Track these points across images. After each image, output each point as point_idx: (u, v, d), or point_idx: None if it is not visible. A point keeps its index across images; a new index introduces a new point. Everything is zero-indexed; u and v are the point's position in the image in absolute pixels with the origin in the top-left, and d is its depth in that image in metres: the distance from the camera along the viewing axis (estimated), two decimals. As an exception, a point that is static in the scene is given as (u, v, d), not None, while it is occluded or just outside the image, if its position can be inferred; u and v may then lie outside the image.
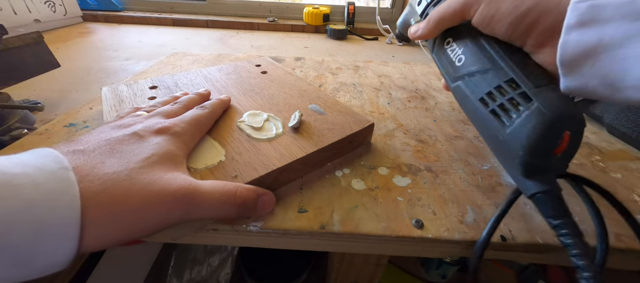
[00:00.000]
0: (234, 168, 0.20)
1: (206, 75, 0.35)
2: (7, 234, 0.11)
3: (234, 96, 0.30)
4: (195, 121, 0.22)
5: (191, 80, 0.34)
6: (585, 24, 0.14)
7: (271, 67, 0.38)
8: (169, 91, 0.31)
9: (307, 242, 0.21)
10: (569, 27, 0.15)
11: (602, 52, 0.14)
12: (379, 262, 0.33)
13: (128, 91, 0.30)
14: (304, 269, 0.54)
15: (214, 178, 0.19)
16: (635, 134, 0.31)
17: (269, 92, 0.31)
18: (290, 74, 0.36)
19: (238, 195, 0.18)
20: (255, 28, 0.85)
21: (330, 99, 0.30)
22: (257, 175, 0.20)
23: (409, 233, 0.19)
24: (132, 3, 0.89)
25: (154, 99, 0.29)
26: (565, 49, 0.15)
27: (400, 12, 0.89)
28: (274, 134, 0.24)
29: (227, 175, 0.20)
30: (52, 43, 0.57)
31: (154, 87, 0.32)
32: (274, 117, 0.26)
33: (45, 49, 0.43)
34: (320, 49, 0.70)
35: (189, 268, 0.56)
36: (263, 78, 0.35)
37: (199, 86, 0.32)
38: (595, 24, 0.14)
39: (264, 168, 0.20)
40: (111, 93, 0.30)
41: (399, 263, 0.64)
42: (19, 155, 0.14)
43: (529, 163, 0.17)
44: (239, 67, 0.38)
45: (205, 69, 0.37)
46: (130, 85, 0.32)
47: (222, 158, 0.21)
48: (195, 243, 0.32)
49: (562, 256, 0.20)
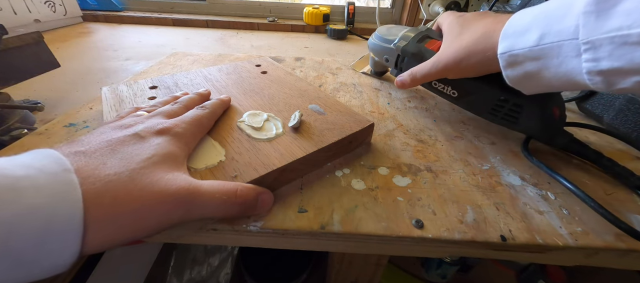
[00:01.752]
0: (234, 169, 0.20)
1: (206, 75, 0.35)
2: (11, 238, 0.12)
3: (234, 96, 0.30)
4: (196, 121, 0.22)
5: (191, 80, 0.34)
6: (511, 66, 0.22)
7: (271, 67, 0.38)
8: (169, 91, 0.31)
9: (307, 242, 0.21)
10: (503, 68, 0.23)
11: (530, 77, 0.22)
12: (379, 262, 0.33)
13: (128, 91, 0.30)
14: (304, 269, 0.54)
15: (214, 179, 0.19)
16: (635, 134, 0.31)
17: (269, 92, 0.31)
18: (290, 74, 0.36)
19: (239, 193, 0.18)
20: (255, 28, 0.85)
21: (331, 99, 0.30)
22: (257, 175, 0.20)
23: (409, 233, 0.19)
24: (132, 3, 0.89)
25: (154, 98, 0.29)
26: (508, 79, 0.24)
27: (400, 12, 0.89)
28: (274, 134, 0.24)
29: (227, 175, 0.20)
30: (52, 43, 0.57)
31: (154, 87, 0.32)
32: (274, 117, 0.26)
33: (45, 49, 0.43)
34: (320, 49, 0.70)
35: (189, 268, 0.56)
36: (263, 78, 0.35)
37: (199, 86, 0.32)
38: (517, 65, 0.22)
39: (264, 168, 0.20)
40: (111, 93, 0.30)
41: (399, 263, 0.64)
42: (21, 157, 0.14)
43: (547, 135, 0.27)
44: (239, 67, 0.38)
45: (205, 69, 0.37)
46: (130, 85, 0.32)
47: (222, 159, 0.21)
48: (195, 243, 0.32)
49: (563, 256, 0.20)
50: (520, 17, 0.22)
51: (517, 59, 0.22)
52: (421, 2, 0.76)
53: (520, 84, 0.23)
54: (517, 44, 0.21)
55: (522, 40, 0.21)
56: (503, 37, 0.22)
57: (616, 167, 0.25)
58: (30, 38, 0.41)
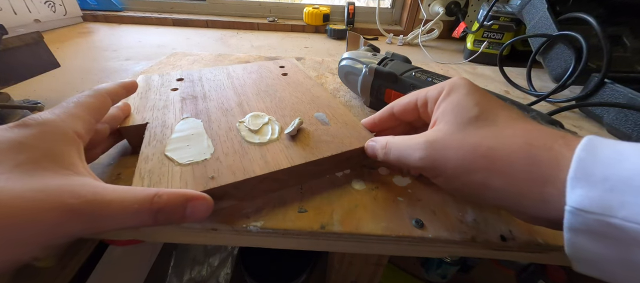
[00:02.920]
0: (214, 169, 0.20)
1: (230, 72, 0.36)
2: None
3: (246, 96, 0.30)
4: (79, 104, 0.19)
5: (215, 76, 0.35)
6: (593, 236, 0.12)
7: (293, 70, 0.37)
8: (193, 84, 0.32)
9: (307, 242, 0.21)
10: (571, 230, 0.13)
11: (625, 264, 0.12)
12: (379, 262, 0.33)
13: (159, 81, 0.33)
14: (304, 269, 0.54)
15: (193, 176, 0.19)
16: (635, 134, 0.31)
17: (281, 94, 0.31)
18: (309, 78, 0.35)
19: (155, 201, 0.15)
20: (255, 28, 0.85)
21: (341, 109, 0.28)
22: (233, 180, 0.19)
23: (409, 233, 0.19)
24: (132, 3, 0.89)
25: (176, 90, 0.31)
26: (571, 247, 0.13)
27: (401, 12, 0.89)
28: (267, 139, 0.23)
29: (205, 174, 0.19)
30: (52, 43, 0.57)
31: (180, 79, 0.33)
32: (274, 121, 0.26)
33: (45, 49, 0.43)
34: (320, 49, 0.70)
35: (189, 268, 0.56)
36: (281, 80, 0.34)
37: (221, 82, 0.33)
38: (610, 242, 0.12)
39: (242, 174, 0.19)
40: (144, 81, 0.32)
41: (399, 263, 0.64)
42: None
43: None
44: (262, 67, 0.38)
45: (230, 66, 0.38)
46: (162, 76, 0.34)
47: (208, 157, 0.21)
48: (195, 243, 0.32)
49: (563, 256, 0.20)
50: (631, 153, 0.12)
51: (614, 232, 0.12)
52: (421, 2, 0.76)
53: (591, 265, 0.13)
54: (628, 208, 0.11)
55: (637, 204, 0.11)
56: (585, 181, 0.12)
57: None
58: (30, 38, 0.41)
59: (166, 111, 0.27)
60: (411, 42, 0.77)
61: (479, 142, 0.16)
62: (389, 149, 0.20)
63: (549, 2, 0.46)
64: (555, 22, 0.44)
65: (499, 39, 0.61)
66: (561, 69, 0.44)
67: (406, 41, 0.77)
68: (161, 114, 0.26)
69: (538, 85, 0.48)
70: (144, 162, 0.21)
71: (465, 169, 0.16)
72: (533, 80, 0.46)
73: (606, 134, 0.34)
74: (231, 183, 0.19)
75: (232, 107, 0.28)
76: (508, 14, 0.58)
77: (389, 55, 0.34)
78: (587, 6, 0.47)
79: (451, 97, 0.19)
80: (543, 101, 0.41)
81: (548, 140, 0.14)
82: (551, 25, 0.45)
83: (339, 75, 0.36)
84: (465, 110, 0.18)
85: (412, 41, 0.77)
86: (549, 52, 0.46)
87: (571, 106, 0.36)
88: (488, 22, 0.60)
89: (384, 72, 0.30)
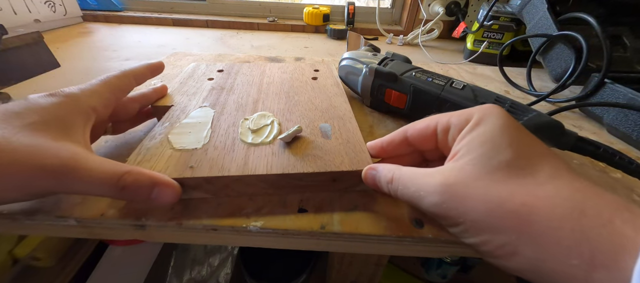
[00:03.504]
0: (197, 160, 0.20)
1: (265, 70, 0.37)
2: None
3: (266, 94, 0.31)
4: (103, 83, 0.22)
5: (251, 71, 0.37)
6: None
7: (324, 75, 0.36)
8: (229, 76, 0.35)
9: (307, 242, 0.21)
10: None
11: None
12: (379, 262, 0.33)
13: (203, 70, 0.36)
14: (304, 269, 0.54)
15: (177, 162, 0.20)
16: (635, 134, 0.31)
17: (299, 98, 0.30)
18: (337, 86, 0.33)
19: (122, 179, 0.16)
20: (255, 28, 0.85)
21: (351, 125, 0.25)
22: (206, 175, 0.19)
23: (409, 233, 0.19)
24: (132, 3, 0.89)
25: (212, 80, 0.33)
26: None
27: (401, 12, 0.89)
28: (259, 141, 0.23)
29: (187, 163, 0.20)
30: (52, 43, 0.57)
31: (221, 70, 0.36)
32: (276, 124, 0.25)
33: (45, 49, 0.43)
34: (320, 49, 0.70)
35: (189, 268, 0.56)
36: (308, 83, 0.34)
37: (252, 78, 0.35)
38: None
39: (217, 171, 0.19)
40: (192, 69, 0.36)
41: (399, 263, 0.64)
42: None
43: (550, 135, 0.24)
44: (297, 69, 0.38)
45: (267, 64, 0.39)
46: (208, 66, 0.37)
47: (199, 147, 0.22)
48: (195, 243, 0.32)
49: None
50: None
51: None
52: (421, 2, 0.76)
53: None
54: None
55: None
56: None
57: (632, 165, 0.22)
58: (30, 38, 0.41)
59: (193, 98, 0.29)
60: (411, 42, 0.77)
61: (510, 194, 0.13)
62: (397, 187, 0.18)
63: (549, 2, 0.46)
64: (555, 22, 0.44)
65: (499, 39, 0.61)
66: (561, 69, 0.44)
67: (406, 41, 0.77)
68: (187, 100, 0.28)
69: (538, 85, 0.48)
70: (149, 139, 0.22)
71: (489, 226, 0.13)
72: (533, 80, 0.46)
73: (606, 134, 0.34)
74: (204, 177, 0.19)
75: (248, 103, 0.28)
76: (508, 14, 0.58)
77: (389, 55, 0.34)
78: (587, 6, 0.47)
79: (480, 129, 0.15)
80: (543, 101, 0.41)
81: (606, 211, 0.11)
82: (551, 25, 0.45)
83: (339, 75, 0.36)
84: (496, 150, 0.14)
85: (412, 41, 0.77)
86: (549, 52, 0.46)
87: (571, 106, 0.36)
88: (488, 22, 0.60)
89: (384, 72, 0.30)
